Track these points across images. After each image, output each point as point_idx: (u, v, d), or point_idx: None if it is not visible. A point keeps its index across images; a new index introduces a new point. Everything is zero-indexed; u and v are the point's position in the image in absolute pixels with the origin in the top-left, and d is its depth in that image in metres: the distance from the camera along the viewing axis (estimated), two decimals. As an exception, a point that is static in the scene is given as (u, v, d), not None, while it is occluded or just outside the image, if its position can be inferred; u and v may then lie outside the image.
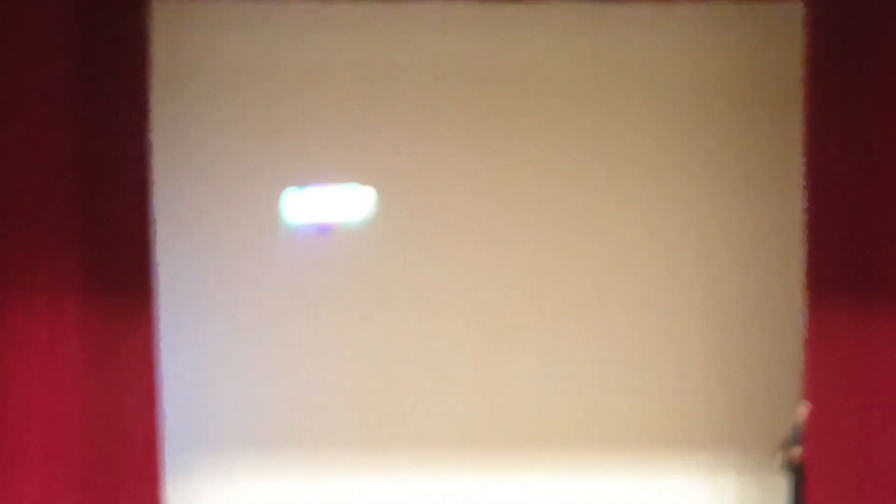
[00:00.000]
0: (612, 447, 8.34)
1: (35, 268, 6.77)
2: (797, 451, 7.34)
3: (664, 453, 8.38)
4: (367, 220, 8.23)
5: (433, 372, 8.29)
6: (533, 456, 8.30)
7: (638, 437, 8.33)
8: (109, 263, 7.01)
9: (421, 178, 8.23)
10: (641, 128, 8.16)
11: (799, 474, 7.27)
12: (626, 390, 8.38)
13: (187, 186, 7.93)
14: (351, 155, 8.15)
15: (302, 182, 8.23)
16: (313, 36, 7.99)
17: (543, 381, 8.31)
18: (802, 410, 7.19)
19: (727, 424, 8.21)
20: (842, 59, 7.00)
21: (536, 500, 8.23)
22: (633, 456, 8.36)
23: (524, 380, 8.30)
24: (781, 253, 7.84)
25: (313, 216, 8.22)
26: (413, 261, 8.26)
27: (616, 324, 8.35)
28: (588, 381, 8.36)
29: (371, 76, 8.08)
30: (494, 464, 8.27)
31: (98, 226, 6.94)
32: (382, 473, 8.14)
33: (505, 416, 8.27)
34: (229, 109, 8.05)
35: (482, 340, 8.32)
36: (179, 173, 7.72)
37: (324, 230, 8.14)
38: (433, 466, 8.23)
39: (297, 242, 8.26)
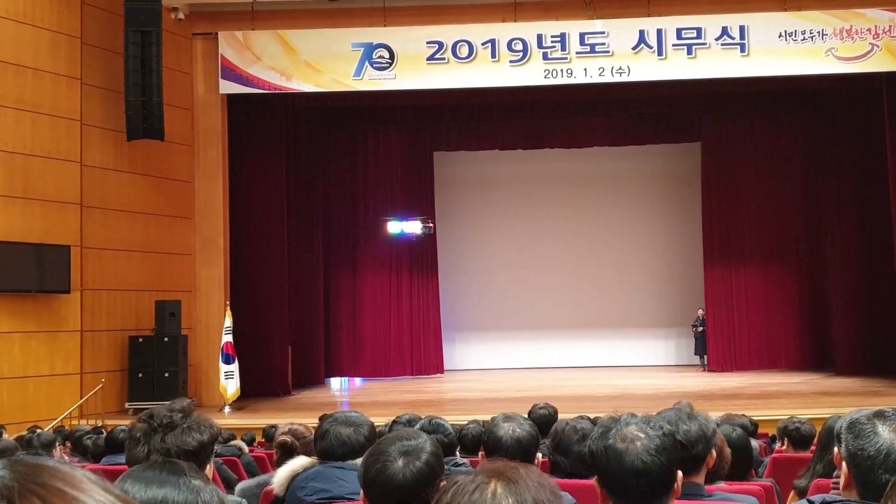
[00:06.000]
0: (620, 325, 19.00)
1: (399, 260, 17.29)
2: (701, 326, 17.87)
3: (639, 329, 19.00)
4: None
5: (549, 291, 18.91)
6: (582, 326, 18.94)
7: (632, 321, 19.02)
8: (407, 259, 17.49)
9: (551, 217, 18.76)
10: (630, 196, 18.75)
11: (702, 335, 17.78)
12: (625, 305, 19.03)
13: (457, 220, 18.32)
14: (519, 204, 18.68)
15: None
16: (498, 163, 18.38)
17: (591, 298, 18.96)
18: (701, 311, 17.75)
19: (671, 316, 18.80)
20: (718, 165, 17.50)
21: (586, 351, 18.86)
22: (625, 329, 19.01)
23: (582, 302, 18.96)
24: (687, 243, 18.37)
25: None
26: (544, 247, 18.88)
27: (621, 282, 18.94)
28: (608, 297, 19.01)
29: (524, 178, 18.57)
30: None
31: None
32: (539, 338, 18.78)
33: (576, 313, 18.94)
34: (471, 192, 18.54)
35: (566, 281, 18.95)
36: (454, 213, 18.13)
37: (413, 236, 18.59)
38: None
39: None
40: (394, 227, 17.85)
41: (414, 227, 17.79)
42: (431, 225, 17.56)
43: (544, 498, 1.25)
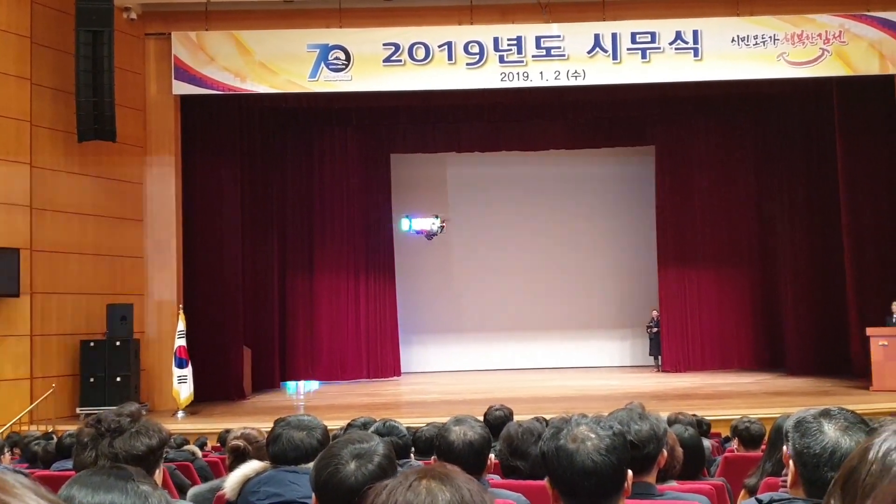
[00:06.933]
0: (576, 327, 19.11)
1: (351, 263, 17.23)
2: (655, 327, 18.04)
3: (595, 330, 19.14)
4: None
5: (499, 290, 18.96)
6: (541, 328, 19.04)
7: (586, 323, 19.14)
8: (373, 263, 17.48)
9: (499, 215, 18.83)
10: (585, 199, 18.89)
11: (656, 336, 17.96)
12: (580, 307, 19.14)
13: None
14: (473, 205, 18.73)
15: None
16: (455, 165, 18.40)
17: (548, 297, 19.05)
18: (655, 313, 17.93)
19: (625, 317, 18.96)
20: (671, 169, 17.70)
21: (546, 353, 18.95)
22: (581, 330, 19.13)
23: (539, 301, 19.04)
24: (642, 246, 18.56)
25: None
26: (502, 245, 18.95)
27: (576, 284, 19.07)
28: (566, 298, 19.11)
29: (481, 181, 18.63)
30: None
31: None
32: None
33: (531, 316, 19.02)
34: (427, 194, 18.54)
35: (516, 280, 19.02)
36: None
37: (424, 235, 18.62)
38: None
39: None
40: (405, 224, 18.53)
41: (424, 223, 18.16)
42: (444, 224, 17.94)
43: (475, 489, 1.28)
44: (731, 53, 13.82)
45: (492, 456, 3.44)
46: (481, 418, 5.53)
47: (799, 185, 16.57)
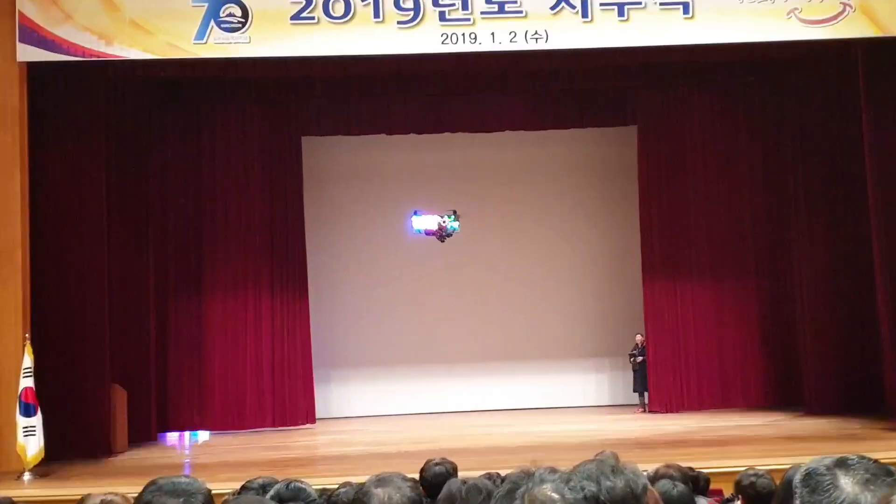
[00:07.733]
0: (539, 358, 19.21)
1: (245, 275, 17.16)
2: (640, 356, 18.16)
3: (564, 362, 19.25)
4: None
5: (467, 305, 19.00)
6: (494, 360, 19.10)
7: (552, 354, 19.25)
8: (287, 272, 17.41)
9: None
10: (550, 194, 19.05)
11: (642, 367, 18.07)
12: (546, 332, 19.26)
13: (333, 224, 18.27)
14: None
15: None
16: (385, 151, 18.42)
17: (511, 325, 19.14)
18: (640, 338, 18.07)
19: (602, 344, 19.09)
20: (658, 154, 17.88)
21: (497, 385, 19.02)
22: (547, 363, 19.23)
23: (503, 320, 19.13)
24: (622, 253, 18.74)
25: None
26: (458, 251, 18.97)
27: (541, 303, 19.18)
28: (526, 320, 19.21)
29: (418, 171, 18.68)
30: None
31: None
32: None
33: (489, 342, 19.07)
34: (350, 188, 18.55)
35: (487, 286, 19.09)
36: (329, 215, 18.09)
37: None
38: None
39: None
40: (418, 222, 19.44)
41: (430, 222, 19.19)
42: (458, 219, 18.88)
43: None
44: (729, 9, 13.95)
45: (426, 524, 3.42)
46: (417, 476, 5.52)
47: (816, 171, 16.73)
